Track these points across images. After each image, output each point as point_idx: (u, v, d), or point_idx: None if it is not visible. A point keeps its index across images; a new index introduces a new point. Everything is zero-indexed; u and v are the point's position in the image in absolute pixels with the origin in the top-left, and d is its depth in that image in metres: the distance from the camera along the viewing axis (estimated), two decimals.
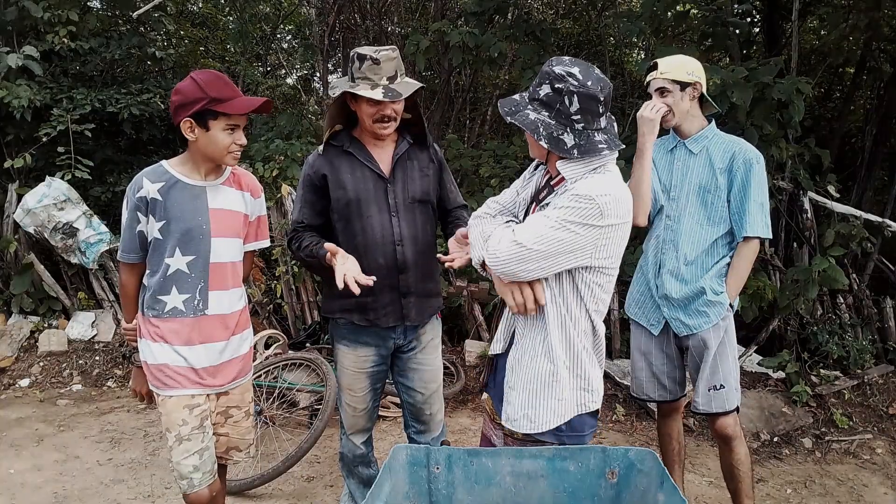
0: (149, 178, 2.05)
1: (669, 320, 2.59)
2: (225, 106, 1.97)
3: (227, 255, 2.15)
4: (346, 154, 2.33)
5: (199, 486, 2.12)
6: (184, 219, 2.05)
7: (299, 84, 8.55)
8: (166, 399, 2.10)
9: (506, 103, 1.76)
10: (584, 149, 1.67)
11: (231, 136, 2.02)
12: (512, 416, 1.81)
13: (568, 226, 1.62)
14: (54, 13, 5.35)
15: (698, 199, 2.52)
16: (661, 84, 2.48)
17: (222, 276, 2.13)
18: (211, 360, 2.13)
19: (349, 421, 2.53)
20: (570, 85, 1.65)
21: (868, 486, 3.46)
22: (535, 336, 1.78)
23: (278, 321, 5.09)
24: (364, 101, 2.20)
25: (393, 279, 2.32)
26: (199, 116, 1.98)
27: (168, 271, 2.06)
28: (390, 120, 2.24)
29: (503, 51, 5.10)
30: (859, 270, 4.74)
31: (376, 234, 2.29)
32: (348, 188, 2.30)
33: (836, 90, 6.83)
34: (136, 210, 2.05)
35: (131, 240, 2.09)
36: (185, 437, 2.09)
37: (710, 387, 2.52)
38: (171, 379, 2.09)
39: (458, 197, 2.57)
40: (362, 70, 2.18)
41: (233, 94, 2.00)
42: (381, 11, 7.17)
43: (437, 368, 2.53)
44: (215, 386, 2.16)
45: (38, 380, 4.83)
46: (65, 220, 5.03)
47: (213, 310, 2.12)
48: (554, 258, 1.65)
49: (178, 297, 2.07)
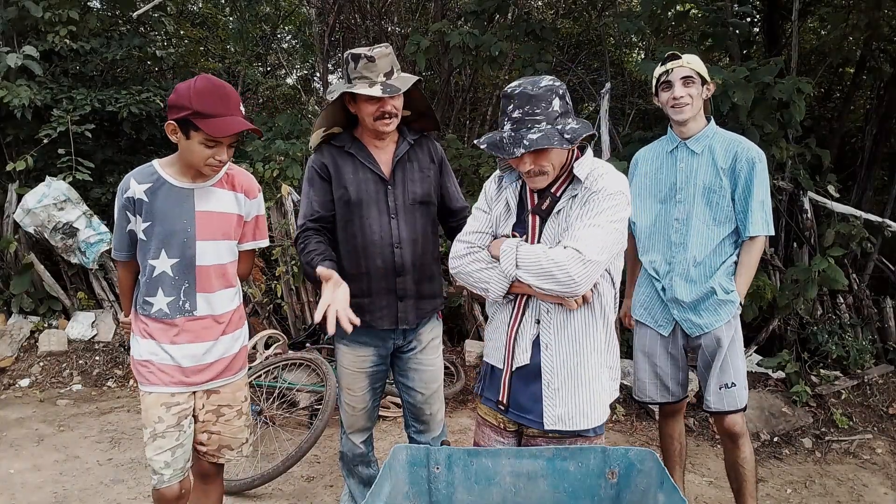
0: (136, 179, 2.06)
1: (680, 321, 2.58)
2: (205, 123, 1.92)
3: (215, 258, 2.13)
4: (347, 154, 2.33)
5: (168, 482, 2.14)
6: (168, 221, 2.05)
7: (299, 84, 8.55)
8: (146, 395, 2.13)
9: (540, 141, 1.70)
10: (584, 131, 1.77)
11: (210, 150, 1.98)
12: (565, 417, 1.84)
13: (617, 225, 1.76)
14: (55, 13, 5.35)
15: (704, 199, 2.51)
16: (688, 72, 2.47)
17: (208, 278, 2.13)
18: (197, 358, 2.13)
19: (348, 420, 2.54)
20: (555, 85, 1.80)
21: (868, 486, 3.46)
22: (569, 334, 1.84)
23: (278, 321, 5.09)
24: (364, 100, 2.20)
25: (390, 282, 2.32)
26: (182, 123, 1.96)
27: (154, 273, 2.07)
28: (391, 116, 2.24)
29: (504, 50, 5.09)
30: (859, 270, 4.74)
31: (375, 236, 2.29)
32: (349, 188, 2.29)
33: (836, 90, 6.83)
34: (125, 209, 2.07)
35: (121, 238, 2.12)
36: (159, 434, 2.11)
37: (721, 385, 2.52)
38: (153, 375, 2.11)
39: (459, 195, 2.55)
40: (358, 69, 2.18)
41: (222, 111, 1.94)
42: (381, 11, 7.18)
43: (438, 368, 2.53)
44: (200, 383, 2.16)
45: (38, 380, 4.83)
46: (65, 220, 5.03)
47: (203, 310, 2.12)
48: (612, 258, 1.79)
49: (164, 300, 2.08)
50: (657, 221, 2.63)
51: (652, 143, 2.73)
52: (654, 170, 2.64)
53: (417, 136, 2.42)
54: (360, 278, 2.31)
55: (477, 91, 7.63)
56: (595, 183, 1.77)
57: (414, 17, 7.43)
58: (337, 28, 7.35)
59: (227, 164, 2.13)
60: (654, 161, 2.65)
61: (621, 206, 1.76)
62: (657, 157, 2.65)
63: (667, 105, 2.54)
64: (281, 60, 8.64)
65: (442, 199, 2.48)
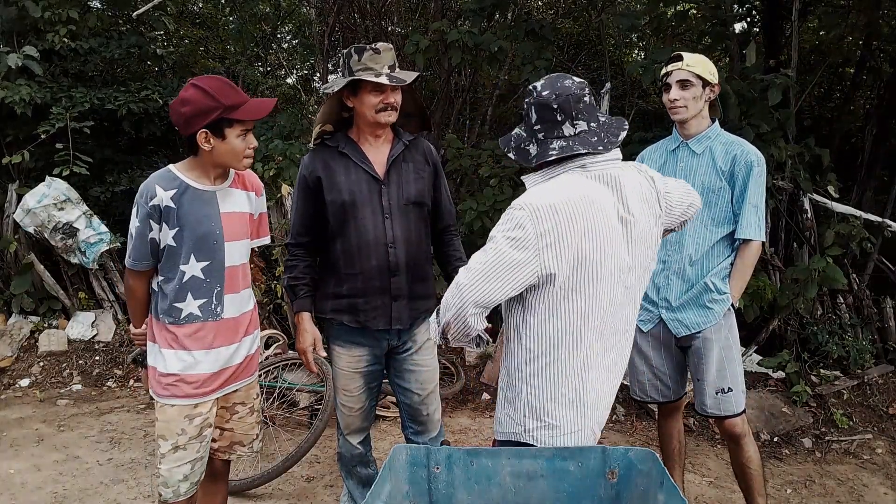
0: (161, 186, 2.02)
1: (667, 321, 2.58)
2: (240, 112, 1.96)
3: (240, 258, 2.17)
4: (340, 155, 2.33)
5: (184, 494, 2.12)
6: (198, 225, 2.04)
7: (299, 84, 8.55)
8: (167, 407, 2.09)
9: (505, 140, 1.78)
10: (539, 157, 1.67)
11: (244, 141, 2.02)
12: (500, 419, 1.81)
13: (505, 244, 1.56)
14: (54, 12, 5.34)
15: (702, 199, 2.51)
16: (686, 76, 2.47)
17: (235, 278, 2.15)
18: (224, 361, 2.14)
19: (345, 421, 2.53)
20: (530, 98, 1.69)
21: (868, 486, 3.46)
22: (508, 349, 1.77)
23: (278, 321, 5.08)
24: (367, 91, 2.21)
25: (384, 281, 2.32)
26: (213, 126, 1.96)
27: (184, 278, 2.05)
28: (394, 109, 2.25)
29: (503, 48, 5.09)
30: (859, 270, 4.74)
31: (369, 236, 2.30)
32: (343, 190, 2.30)
33: (836, 90, 6.82)
34: (149, 218, 2.01)
35: (142, 247, 2.05)
36: (181, 447, 2.09)
37: (717, 390, 2.52)
38: (178, 388, 2.08)
39: (449, 207, 2.54)
40: (363, 61, 2.19)
41: (242, 98, 2.00)
42: (381, 11, 7.17)
43: (433, 369, 2.53)
44: (222, 387, 2.17)
45: (38, 380, 4.83)
46: (65, 220, 5.03)
47: (228, 313, 2.14)
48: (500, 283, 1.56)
49: (194, 303, 2.07)
50: None
51: (658, 142, 2.75)
52: (657, 168, 2.65)
53: (413, 138, 2.43)
54: (354, 278, 2.33)
55: (477, 91, 7.63)
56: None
57: (414, 17, 7.43)
58: (337, 28, 7.35)
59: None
60: (658, 159, 2.67)
61: (511, 223, 1.57)
62: (661, 156, 2.67)
63: (666, 106, 2.56)
64: (281, 60, 8.63)
65: (433, 203, 2.47)
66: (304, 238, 2.42)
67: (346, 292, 2.36)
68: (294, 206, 2.44)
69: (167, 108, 5.83)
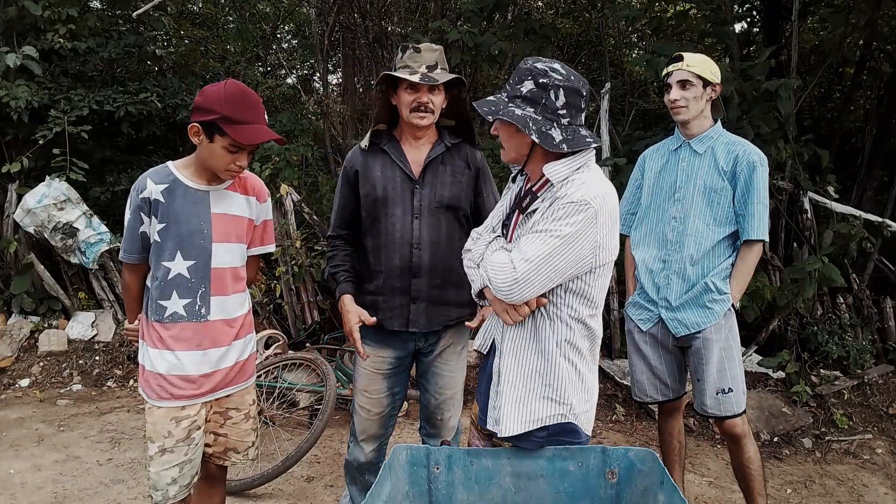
0: (153, 179, 2.03)
1: (667, 321, 2.58)
2: (232, 129, 1.93)
3: (229, 261, 2.13)
4: (381, 152, 2.34)
5: (173, 498, 2.11)
6: (184, 222, 2.03)
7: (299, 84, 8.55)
8: (154, 408, 2.08)
9: (484, 104, 1.70)
10: (573, 143, 1.63)
11: (232, 156, 1.98)
12: (499, 420, 1.74)
13: (569, 240, 1.56)
14: (54, 10, 5.34)
15: (704, 199, 2.52)
16: (686, 76, 2.48)
17: (223, 280, 2.12)
18: (211, 365, 2.11)
19: (361, 425, 2.45)
20: (554, 80, 1.62)
21: (868, 486, 3.46)
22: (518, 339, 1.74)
23: (278, 321, 5.09)
24: (403, 89, 2.22)
25: (405, 282, 2.30)
26: (207, 126, 1.96)
27: (169, 275, 2.04)
28: (427, 110, 2.23)
29: (503, 49, 5.09)
30: (859, 270, 4.74)
31: (396, 234, 2.29)
32: (377, 186, 2.30)
33: (836, 90, 6.83)
34: (139, 210, 2.04)
35: (133, 240, 2.07)
36: (168, 449, 2.08)
37: (718, 390, 2.52)
38: (163, 389, 2.06)
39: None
40: (403, 59, 2.22)
41: (250, 118, 1.95)
42: (381, 11, 7.17)
43: (455, 376, 2.47)
44: (212, 391, 2.14)
45: (38, 380, 4.83)
46: (65, 220, 5.03)
47: (216, 315, 2.11)
48: (559, 274, 1.59)
49: (179, 302, 2.06)
50: (653, 218, 2.63)
51: (660, 142, 2.76)
52: (659, 167, 2.66)
53: (457, 141, 2.39)
54: (377, 275, 2.32)
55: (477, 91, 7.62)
56: (562, 189, 1.63)
57: (414, 17, 7.43)
58: (337, 28, 7.35)
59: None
60: (660, 159, 2.68)
61: (576, 218, 1.56)
62: (662, 155, 2.67)
63: (668, 106, 2.57)
64: (281, 60, 8.64)
65: (476, 207, 2.43)
66: (343, 230, 2.42)
67: (370, 289, 2.35)
68: (336, 198, 2.45)
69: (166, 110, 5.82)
